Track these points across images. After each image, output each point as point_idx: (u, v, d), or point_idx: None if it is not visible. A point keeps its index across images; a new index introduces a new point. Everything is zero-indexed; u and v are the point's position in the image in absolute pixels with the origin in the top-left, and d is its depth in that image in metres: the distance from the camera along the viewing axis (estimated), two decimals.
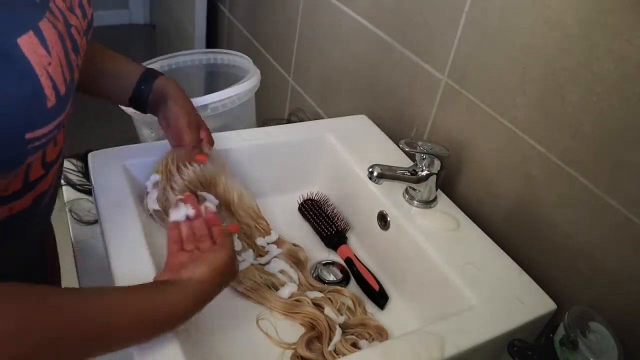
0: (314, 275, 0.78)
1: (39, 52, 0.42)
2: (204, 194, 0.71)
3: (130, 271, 0.59)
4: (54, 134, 0.46)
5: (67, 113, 0.47)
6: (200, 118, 0.76)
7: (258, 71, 1.01)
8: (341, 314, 0.69)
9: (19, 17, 0.42)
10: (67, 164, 0.95)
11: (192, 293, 0.53)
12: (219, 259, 0.57)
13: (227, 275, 0.58)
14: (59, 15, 0.47)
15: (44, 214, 0.59)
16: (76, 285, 0.70)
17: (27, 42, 0.41)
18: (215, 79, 1.13)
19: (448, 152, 0.75)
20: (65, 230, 0.83)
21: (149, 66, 1.05)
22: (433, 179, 0.75)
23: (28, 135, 0.43)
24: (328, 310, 0.69)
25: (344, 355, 0.63)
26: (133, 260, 0.61)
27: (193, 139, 0.72)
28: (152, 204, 0.71)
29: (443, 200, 0.79)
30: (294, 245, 0.79)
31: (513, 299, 0.64)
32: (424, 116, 0.90)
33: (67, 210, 0.85)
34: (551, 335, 0.56)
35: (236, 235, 0.75)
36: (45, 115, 0.44)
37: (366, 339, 0.67)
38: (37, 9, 0.44)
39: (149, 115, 0.77)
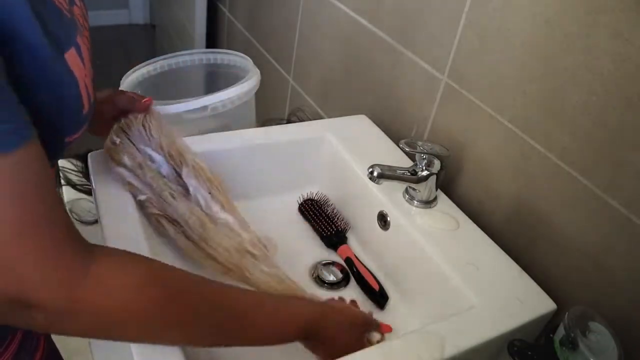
0: (314, 275, 0.78)
1: (79, 66, 0.47)
2: (148, 149, 0.71)
3: None
4: (78, 141, 0.52)
5: None
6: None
7: (258, 71, 1.01)
8: None
9: (66, 32, 0.46)
10: (67, 164, 0.95)
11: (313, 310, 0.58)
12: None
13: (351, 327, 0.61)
14: (81, 27, 0.51)
15: None
16: None
17: (71, 57, 0.46)
18: (215, 79, 1.13)
19: (448, 152, 0.75)
20: None
21: (149, 66, 1.05)
22: (433, 179, 0.75)
23: (67, 139, 0.49)
24: None
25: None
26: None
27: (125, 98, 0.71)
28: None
29: (443, 200, 0.79)
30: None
31: (513, 299, 0.64)
32: (424, 116, 0.90)
33: (67, 210, 0.85)
34: (551, 335, 0.56)
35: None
36: (81, 122, 0.50)
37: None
38: (72, 24, 0.48)
39: None
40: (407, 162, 0.85)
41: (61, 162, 0.95)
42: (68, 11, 0.48)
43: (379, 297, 0.74)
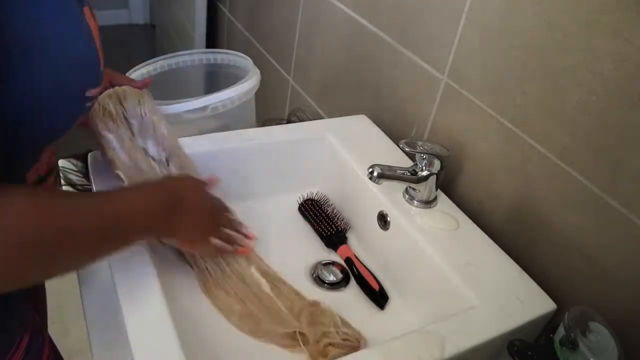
0: (314, 275, 0.78)
1: (92, 22, 0.51)
2: (140, 126, 0.72)
3: (130, 270, 0.59)
4: (95, 100, 0.53)
5: None
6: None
7: (258, 71, 1.01)
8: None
9: None
10: (67, 164, 0.95)
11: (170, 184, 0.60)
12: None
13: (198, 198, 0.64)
14: None
15: None
16: (76, 284, 0.70)
17: (87, 12, 0.50)
18: (215, 79, 1.13)
19: (448, 152, 0.75)
20: None
21: (149, 66, 1.06)
22: (433, 179, 0.75)
23: (88, 92, 0.50)
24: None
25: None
26: (133, 260, 0.61)
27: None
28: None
29: (443, 200, 0.79)
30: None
31: (513, 299, 0.64)
32: (424, 116, 0.90)
33: None
34: (551, 335, 0.56)
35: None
36: (99, 76, 0.51)
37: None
38: None
39: None
40: (407, 162, 0.85)
41: (61, 162, 0.95)
42: None
43: (379, 297, 0.74)
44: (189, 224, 0.61)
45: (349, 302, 0.74)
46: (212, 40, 2.03)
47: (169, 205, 0.57)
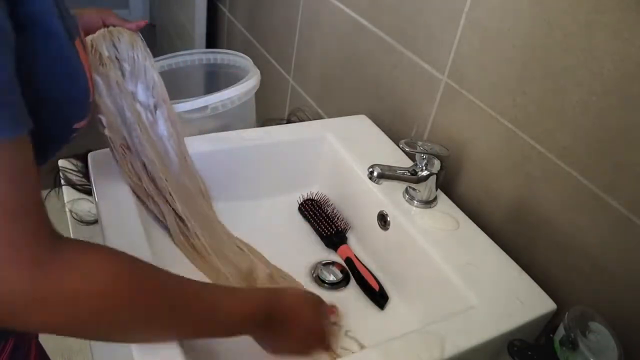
0: (314, 275, 0.78)
1: (84, 55, 0.50)
2: (131, 70, 0.71)
3: None
4: (79, 131, 0.53)
5: None
6: None
7: (258, 71, 1.01)
8: None
9: (73, 23, 0.49)
10: (67, 164, 0.95)
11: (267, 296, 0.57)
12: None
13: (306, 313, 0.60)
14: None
15: None
16: None
17: (79, 45, 0.49)
18: (215, 79, 1.13)
19: (448, 152, 0.75)
20: (65, 230, 0.83)
21: None
22: (433, 179, 0.75)
23: (75, 125, 0.50)
24: None
25: None
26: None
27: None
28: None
29: (443, 200, 0.79)
30: None
31: (513, 299, 0.64)
32: (424, 116, 0.90)
33: (67, 210, 0.85)
34: (551, 335, 0.56)
35: None
36: (87, 108, 0.51)
37: None
38: (75, 20, 0.50)
39: None
40: (407, 162, 0.85)
41: (61, 162, 0.95)
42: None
43: (379, 297, 0.74)
44: (282, 338, 0.58)
45: (349, 302, 0.74)
46: (212, 40, 2.03)
47: (267, 311, 0.55)
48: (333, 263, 0.80)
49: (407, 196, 0.78)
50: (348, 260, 0.80)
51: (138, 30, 0.74)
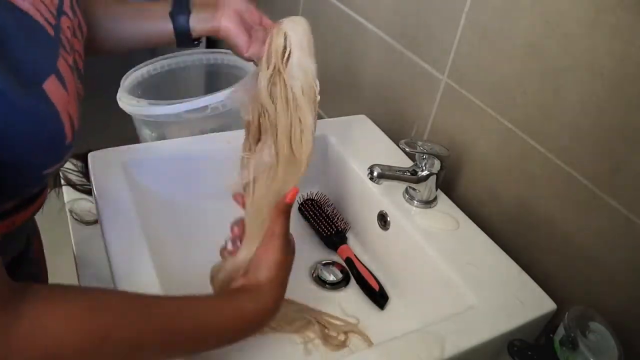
0: (314, 275, 0.78)
1: (61, 94, 0.43)
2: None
3: (131, 271, 0.59)
4: (59, 168, 0.47)
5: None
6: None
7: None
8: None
9: (42, 59, 0.42)
10: (67, 164, 0.95)
11: (264, 296, 0.53)
12: (271, 256, 0.56)
13: (284, 274, 0.56)
14: (67, 44, 0.47)
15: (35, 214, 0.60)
16: (76, 284, 0.70)
17: (51, 86, 0.41)
18: (215, 79, 1.13)
19: (448, 152, 0.75)
20: (65, 230, 0.83)
21: (149, 66, 1.05)
22: (433, 179, 0.75)
23: (45, 172, 0.44)
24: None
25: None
26: (133, 260, 0.61)
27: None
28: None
29: (443, 200, 0.79)
30: None
31: (513, 299, 0.64)
32: (424, 116, 0.90)
33: (67, 210, 0.85)
34: (551, 335, 0.56)
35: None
36: (63, 152, 0.45)
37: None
38: (54, 45, 0.44)
39: (148, 114, 0.77)
40: (407, 162, 0.85)
41: None
42: (53, 27, 0.44)
43: (379, 297, 0.74)
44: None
45: (349, 302, 0.74)
46: (212, 40, 2.03)
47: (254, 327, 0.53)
48: (333, 263, 0.80)
49: (407, 196, 0.78)
50: (348, 260, 0.80)
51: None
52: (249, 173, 0.63)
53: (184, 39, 0.66)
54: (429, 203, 0.77)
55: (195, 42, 0.68)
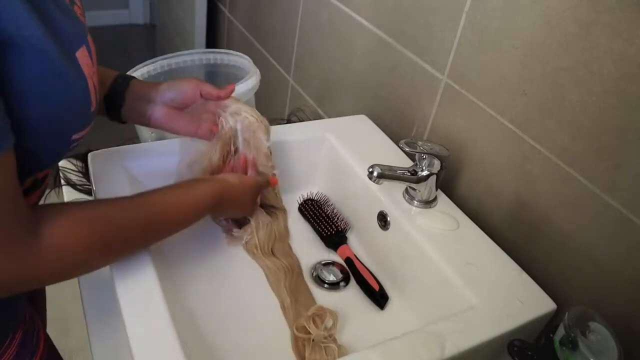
0: (314, 275, 0.78)
1: (88, 63, 0.48)
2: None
3: (131, 271, 0.59)
4: (81, 140, 0.52)
5: None
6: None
7: (258, 71, 1.01)
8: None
9: (77, 30, 0.48)
10: (67, 164, 0.95)
11: (219, 188, 0.66)
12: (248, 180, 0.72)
13: (247, 197, 0.73)
14: (86, 28, 0.51)
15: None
16: (76, 284, 0.70)
17: (81, 55, 0.47)
18: (215, 79, 1.13)
19: (448, 152, 0.75)
20: None
21: (149, 66, 1.05)
22: (433, 179, 0.75)
23: (74, 137, 0.49)
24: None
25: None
26: (133, 260, 0.61)
27: (211, 88, 0.72)
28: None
29: (443, 200, 0.79)
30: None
31: (513, 299, 0.64)
32: (424, 116, 0.90)
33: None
34: (551, 335, 0.56)
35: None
36: (89, 119, 0.51)
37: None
38: (80, 23, 0.49)
39: None
40: (407, 162, 0.85)
41: (61, 162, 0.95)
42: (72, 11, 0.49)
43: (379, 297, 0.74)
44: (233, 212, 0.75)
45: (349, 302, 0.74)
46: (212, 40, 2.03)
47: (216, 204, 0.66)
48: (333, 263, 0.80)
49: (407, 196, 0.78)
50: (348, 260, 0.80)
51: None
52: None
53: (116, 120, 0.72)
54: (429, 203, 0.77)
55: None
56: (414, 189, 0.77)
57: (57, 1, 0.45)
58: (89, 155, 0.76)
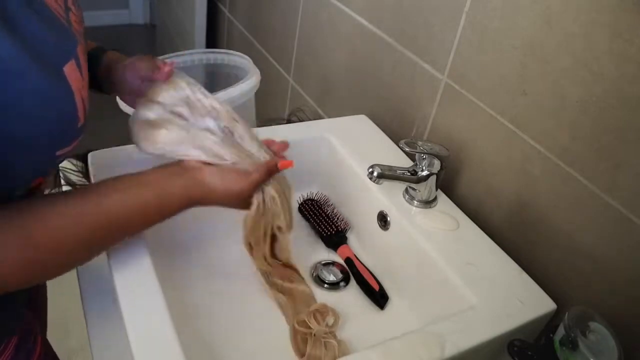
0: (314, 275, 0.78)
1: (77, 77, 0.46)
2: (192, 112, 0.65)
3: (131, 270, 0.59)
4: (72, 153, 0.50)
5: None
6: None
7: (258, 71, 1.01)
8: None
9: (65, 43, 0.46)
10: (67, 164, 0.95)
11: (195, 195, 0.58)
12: (239, 184, 0.59)
13: (233, 204, 0.61)
14: (78, 34, 0.50)
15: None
16: (76, 284, 0.70)
17: (69, 69, 0.45)
18: (215, 79, 1.13)
19: (448, 152, 0.75)
20: None
21: None
22: (433, 179, 0.75)
23: (58, 153, 0.47)
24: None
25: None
26: (133, 259, 0.61)
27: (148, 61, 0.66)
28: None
29: (443, 200, 0.79)
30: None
31: (513, 299, 0.64)
32: (424, 116, 0.90)
33: None
34: (551, 335, 0.56)
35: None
36: (75, 135, 0.48)
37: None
38: (71, 34, 0.47)
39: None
40: (407, 162, 0.85)
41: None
42: (66, 20, 0.47)
43: (379, 297, 0.74)
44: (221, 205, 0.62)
45: (349, 302, 0.74)
46: (212, 40, 2.03)
47: (185, 207, 0.58)
48: (333, 263, 0.80)
49: (407, 196, 0.78)
50: (348, 260, 0.80)
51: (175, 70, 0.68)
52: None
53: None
54: (429, 203, 0.77)
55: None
56: (414, 189, 0.77)
57: (40, 13, 0.43)
58: (89, 155, 0.76)
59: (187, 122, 0.64)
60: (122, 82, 0.65)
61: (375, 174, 0.71)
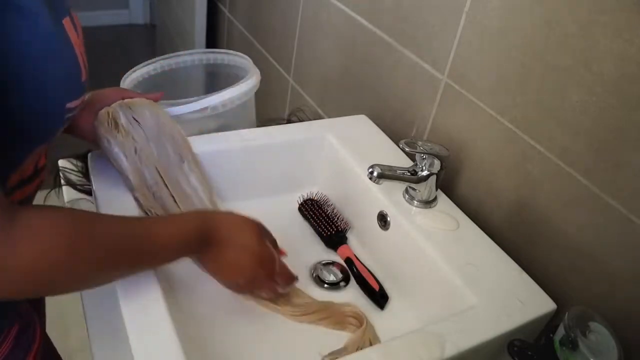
0: (314, 275, 0.78)
1: (73, 33, 0.50)
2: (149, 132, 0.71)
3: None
4: (79, 108, 0.53)
5: None
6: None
7: (258, 71, 1.01)
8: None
9: (60, 2, 0.49)
10: (67, 164, 0.95)
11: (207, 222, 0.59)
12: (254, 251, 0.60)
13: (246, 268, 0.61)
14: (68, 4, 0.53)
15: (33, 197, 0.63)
16: None
17: (67, 24, 0.49)
18: (215, 79, 1.13)
19: (448, 152, 0.75)
20: None
21: (149, 66, 1.05)
22: (433, 179, 0.75)
23: (68, 105, 0.50)
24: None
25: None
26: None
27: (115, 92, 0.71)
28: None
29: (443, 200, 0.79)
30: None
31: (513, 299, 0.64)
32: (424, 116, 0.90)
33: None
34: (551, 335, 0.56)
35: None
36: (81, 88, 0.51)
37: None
38: None
39: None
40: (407, 162, 0.85)
41: (61, 162, 0.95)
42: None
43: (379, 297, 0.74)
44: (223, 260, 0.60)
45: (349, 302, 0.74)
46: (212, 40, 2.03)
47: (201, 233, 0.57)
48: (333, 263, 0.80)
49: (407, 196, 0.78)
50: (348, 260, 0.80)
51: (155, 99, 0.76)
52: None
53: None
54: (429, 203, 0.77)
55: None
56: (414, 189, 0.77)
57: None
58: (89, 155, 0.76)
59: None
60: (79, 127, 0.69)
61: (375, 174, 0.71)
